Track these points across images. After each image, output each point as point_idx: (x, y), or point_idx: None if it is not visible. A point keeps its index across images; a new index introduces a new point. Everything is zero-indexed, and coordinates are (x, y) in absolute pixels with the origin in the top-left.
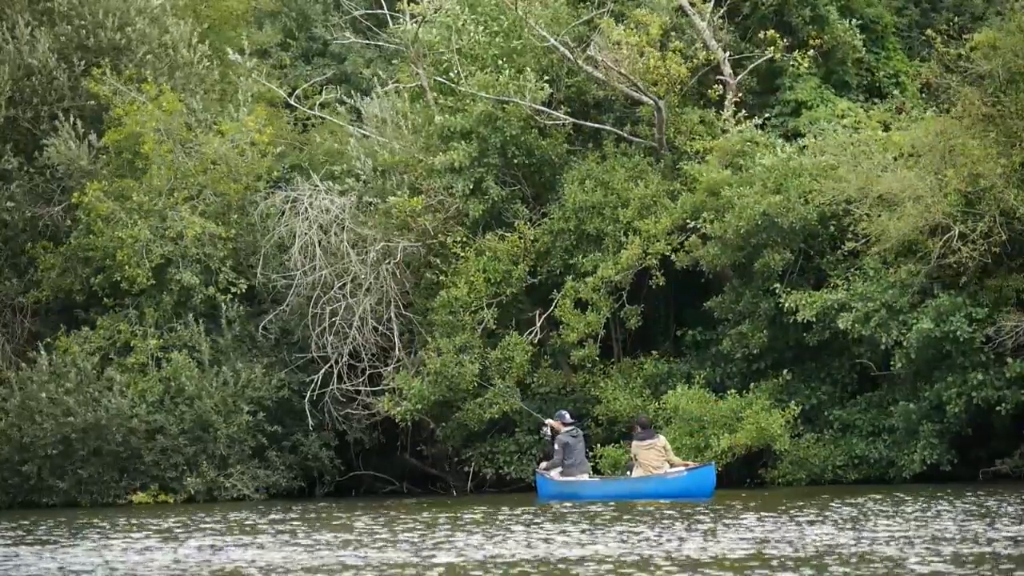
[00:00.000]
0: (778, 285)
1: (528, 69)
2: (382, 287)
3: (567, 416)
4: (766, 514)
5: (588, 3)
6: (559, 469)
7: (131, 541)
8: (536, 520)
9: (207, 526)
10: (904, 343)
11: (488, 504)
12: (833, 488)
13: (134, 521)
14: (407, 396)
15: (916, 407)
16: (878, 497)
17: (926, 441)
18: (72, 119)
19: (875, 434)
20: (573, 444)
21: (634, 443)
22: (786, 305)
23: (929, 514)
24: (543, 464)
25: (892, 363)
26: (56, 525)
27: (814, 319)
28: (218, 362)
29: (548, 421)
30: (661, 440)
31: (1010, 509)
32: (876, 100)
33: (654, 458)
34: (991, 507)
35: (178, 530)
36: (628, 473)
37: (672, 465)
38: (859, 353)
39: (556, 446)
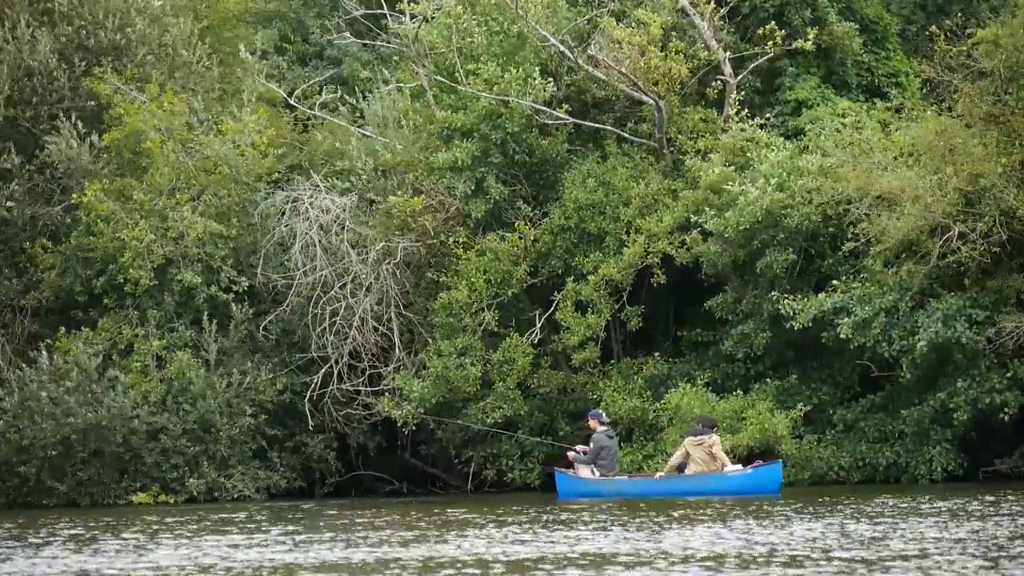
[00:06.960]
0: (775, 293)
1: (530, 66)
2: (382, 287)
3: (603, 416)
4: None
5: (589, 2)
6: (591, 468)
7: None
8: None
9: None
10: (909, 351)
11: (538, 504)
12: (850, 489)
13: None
14: (408, 398)
15: (926, 411)
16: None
17: (942, 447)
18: (73, 119)
19: (882, 439)
20: (610, 445)
21: (717, 440)
22: (782, 311)
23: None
24: (579, 450)
25: (900, 374)
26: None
27: (811, 324)
28: (221, 363)
29: (578, 446)
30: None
31: None
32: (876, 100)
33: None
34: None
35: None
36: (684, 471)
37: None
38: (860, 355)
39: (592, 444)
